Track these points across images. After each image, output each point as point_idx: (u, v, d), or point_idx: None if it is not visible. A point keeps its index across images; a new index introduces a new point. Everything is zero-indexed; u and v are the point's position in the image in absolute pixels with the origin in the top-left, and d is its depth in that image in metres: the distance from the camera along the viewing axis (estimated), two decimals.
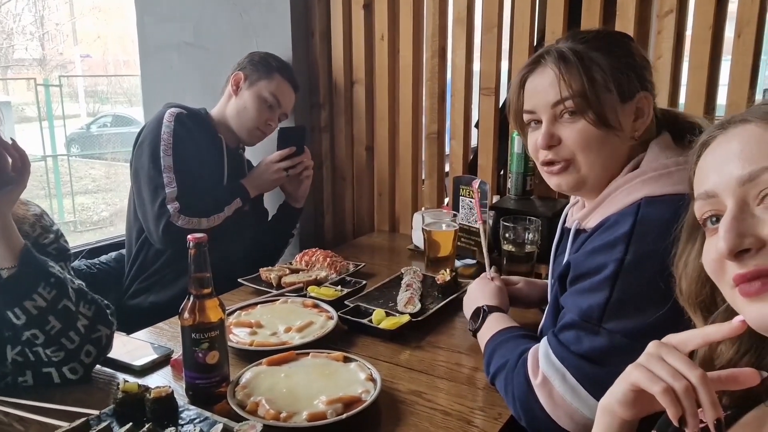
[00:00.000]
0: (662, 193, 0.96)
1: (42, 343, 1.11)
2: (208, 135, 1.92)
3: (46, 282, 1.11)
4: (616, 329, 0.92)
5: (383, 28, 2.14)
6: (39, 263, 1.12)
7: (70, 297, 1.13)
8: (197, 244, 1.07)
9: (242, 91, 1.93)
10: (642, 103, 1.04)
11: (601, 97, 1.01)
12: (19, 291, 1.08)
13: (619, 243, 0.95)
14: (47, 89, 14.07)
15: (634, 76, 1.03)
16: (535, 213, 1.77)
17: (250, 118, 1.92)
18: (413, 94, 2.15)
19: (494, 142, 2.03)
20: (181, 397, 1.10)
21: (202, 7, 2.33)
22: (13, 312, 1.08)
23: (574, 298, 1.00)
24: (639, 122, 1.04)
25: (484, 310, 1.25)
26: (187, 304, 1.09)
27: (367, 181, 2.31)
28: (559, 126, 1.05)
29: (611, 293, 0.93)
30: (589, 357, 0.93)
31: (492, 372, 1.09)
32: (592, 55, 1.02)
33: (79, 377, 1.15)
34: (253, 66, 1.94)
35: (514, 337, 1.12)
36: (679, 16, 1.68)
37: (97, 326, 1.17)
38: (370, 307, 1.46)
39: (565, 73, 1.02)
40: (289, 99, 1.98)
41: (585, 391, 0.93)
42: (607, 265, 0.94)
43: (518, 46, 1.92)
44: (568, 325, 0.98)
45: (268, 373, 1.15)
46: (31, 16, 19.76)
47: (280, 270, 1.70)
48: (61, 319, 1.12)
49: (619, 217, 0.99)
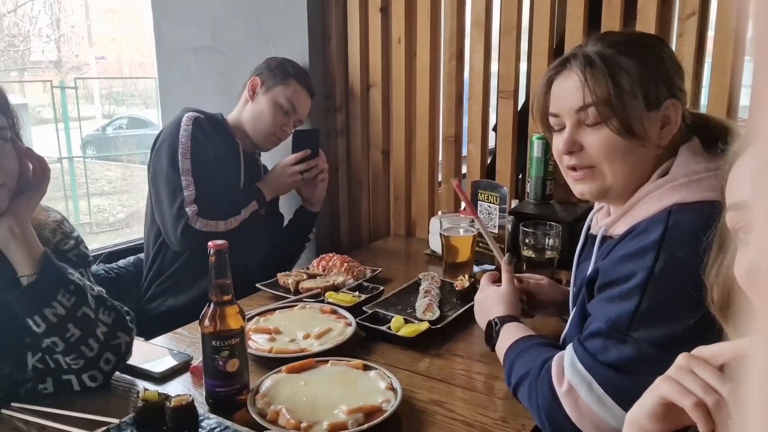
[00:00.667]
0: (693, 199, 0.95)
1: (62, 350, 1.11)
2: (225, 139, 1.92)
3: (65, 289, 1.10)
4: (644, 338, 0.91)
5: (400, 31, 2.13)
6: (58, 270, 1.11)
7: (89, 304, 1.13)
8: (218, 251, 1.07)
9: (258, 97, 1.94)
10: (669, 111, 1.01)
11: (626, 104, 0.98)
12: (39, 298, 1.08)
13: (650, 250, 0.93)
14: (63, 91, 14.21)
15: (662, 83, 1.00)
16: (555, 218, 1.75)
17: (266, 123, 1.93)
18: (430, 98, 2.13)
19: (513, 145, 2.01)
20: (200, 405, 1.10)
21: (219, 11, 2.33)
22: (33, 320, 1.08)
23: (602, 305, 0.98)
24: (666, 130, 1.02)
25: (496, 323, 1.22)
26: (208, 311, 1.09)
27: (383, 185, 2.31)
28: (583, 132, 1.04)
29: (640, 301, 0.91)
30: (616, 366, 0.92)
31: (514, 382, 1.08)
32: (620, 60, 0.99)
33: (99, 384, 1.15)
34: (270, 71, 1.94)
35: (534, 345, 1.10)
36: (701, 19, 1.66)
37: (116, 333, 1.17)
38: (389, 314, 1.45)
39: (590, 78, 1.00)
40: (305, 105, 1.99)
41: (612, 400, 0.91)
42: (636, 272, 0.93)
43: (537, 48, 1.90)
44: (595, 333, 0.96)
45: (288, 381, 1.14)
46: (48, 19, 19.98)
47: (297, 275, 1.70)
48: (80, 326, 1.11)
49: (649, 224, 0.97)
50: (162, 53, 2.53)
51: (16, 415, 1.07)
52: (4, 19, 18.07)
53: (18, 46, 18.81)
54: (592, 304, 1.02)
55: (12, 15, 18.64)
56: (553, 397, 0.96)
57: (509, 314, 1.24)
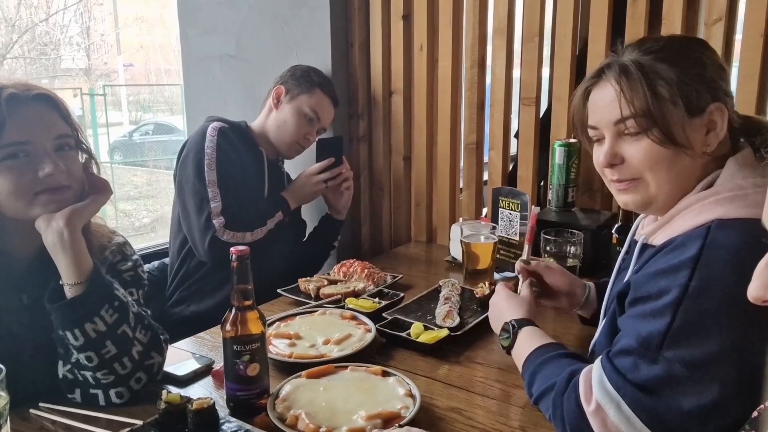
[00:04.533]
0: (736, 216, 0.90)
1: (94, 366, 1.11)
2: (250, 148, 1.94)
3: (110, 304, 1.11)
4: (675, 358, 0.87)
5: (422, 38, 2.14)
6: (106, 285, 1.13)
7: (129, 322, 1.14)
8: (240, 257, 1.08)
9: (283, 105, 1.95)
10: (714, 116, 0.97)
11: (666, 113, 0.94)
12: (83, 312, 1.09)
13: (684, 267, 0.89)
14: (92, 98, 14.51)
15: (704, 87, 0.96)
16: (577, 225, 1.74)
17: (290, 132, 1.94)
18: (452, 104, 2.14)
19: (535, 152, 2.00)
20: (221, 409, 1.11)
21: (244, 19, 2.36)
22: (72, 333, 1.08)
23: (633, 322, 0.94)
24: (711, 136, 0.97)
25: (513, 325, 1.19)
26: (229, 316, 1.10)
27: (404, 191, 2.31)
28: (623, 143, 1.00)
29: (673, 320, 0.88)
30: (645, 387, 0.89)
31: (537, 394, 1.05)
32: (657, 67, 0.96)
33: (124, 401, 1.15)
34: (294, 80, 1.95)
35: (557, 356, 1.08)
36: (728, 24, 1.63)
37: (151, 353, 1.18)
38: (408, 320, 1.46)
39: (627, 89, 0.96)
40: (329, 114, 2.00)
41: (641, 422, 0.88)
42: (670, 289, 0.89)
43: (560, 55, 1.89)
44: (625, 351, 0.93)
45: (308, 386, 1.15)
46: (78, 27, 20.44)
47: (318, 281, 1.71)
48: (118, 344, 1.12)
49: (686, 240, 0.93)
50: (188, 61, 2.57)
51: (44, 415, 1.10)
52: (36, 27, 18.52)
53: (49, 55, 19.27)
54: (622, 319, 0.99)
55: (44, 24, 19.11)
56: (581, 414, 0.93)
57: (526, 317, 1.21)
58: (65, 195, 1.11)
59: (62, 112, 1.14)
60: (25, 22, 17.93)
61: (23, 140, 1.07)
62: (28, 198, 1.09)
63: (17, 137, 1.06)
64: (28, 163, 1.08)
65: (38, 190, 1.09)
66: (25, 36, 17.95)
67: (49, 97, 1.13)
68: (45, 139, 1.09)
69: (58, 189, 1.10)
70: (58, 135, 1.11)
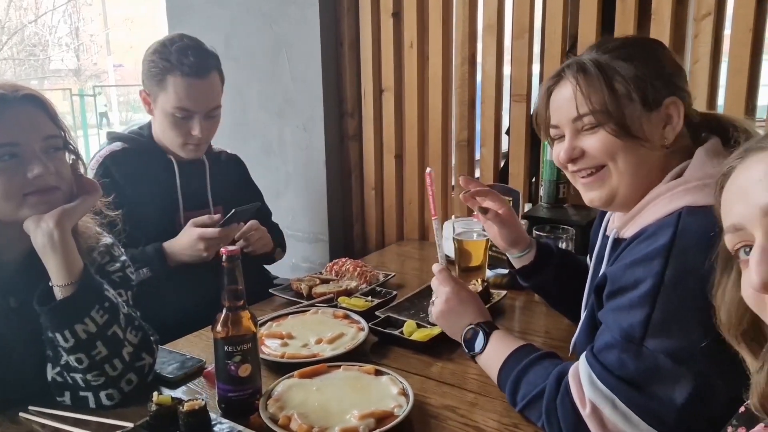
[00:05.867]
0: (705, 203, 0.91)
1: (85, 367, 1.10)
2: (154, 161, 1.72)
3: (100, 305, 1.10)
4: (659, 349, 0.88)
5: (412, 35, 2.14)
6: (96, 286, 1.12)
7: (120, 323, 1.13)
8: (230, 257, 1.08)
9: (154, 111, 1.70)
10: (670, 110, 1.00)
11: (622, 107, 0.98)
12: (73, 313, 1.08)
13: (658, 256, 0.90)
14: (82, 99, 14.42)
15: (660, 83, 0.99)
16: (568, 221, 1.73)
17: (171, 136, 1.69)
18: (443, 102, 2.13)
19: (526, 149, 2.00)
20: (213, 410, 1.10)
21: (232, 19, 2.35)
22: (62, 334, 1.07)
23: (614, 315, 0.95)
24: (668, 129, 1.00)
25: (485, 330, 1.17)
26: (220, 317, 1.09)
27: (396, 189, 2.31)
28: (581, 138, 1.04)
29: (652, 310, 0.89)
30: (635, 382, 0.89)
31: (524, 402, 1.04)
32: (615, 64, 0.99)
33: (114, 403, 1.14)
34: (148, 78, 1.66)
35: (536, 359, 1.06)
36: (717, 19, 1.64)
37: (141, 354, 1.17)
38: (401, 318, 1.45)
39: (585, 86, 1.00)
40: (200, 96, 1.65)
41: (637, 416, 0.88)
42: (645, 279, 0.90)
43: (550, 51, 1.89)
44: (610, 346, 0.93)
45: (300, 386, 1.14)
46: (67, 28, 20.33)
47: (310, 280, 1.70)
48: (108, 345, 1.11)
49: (658, 228, 0.94)
50: None
51: (33, 418, 1.09)
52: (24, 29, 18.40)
53: (38, 56, 19.16)
54: (602, 313, 0.99)
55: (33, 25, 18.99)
56: (578, 419, 0.93)
57: (488, 320, 1.20)
58: (55, 196, 1.10)
59: (50, 112, 1.13)
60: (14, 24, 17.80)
61: (11, 141, 1.06)
62: (18, 200, 1.07)
63: (5, 139, 1.05)
64: (17, 164, 1.06)
65: (27, 192, 1.07)
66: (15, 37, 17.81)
67: (37, 98, 1.11)
68: (33, 140, 1.08)
69: (48, 190, 1.09)
70: (46, 136, 1.10)
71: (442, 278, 1.27)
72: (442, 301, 1.24)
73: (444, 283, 1.26)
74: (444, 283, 1.26)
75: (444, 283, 1.26)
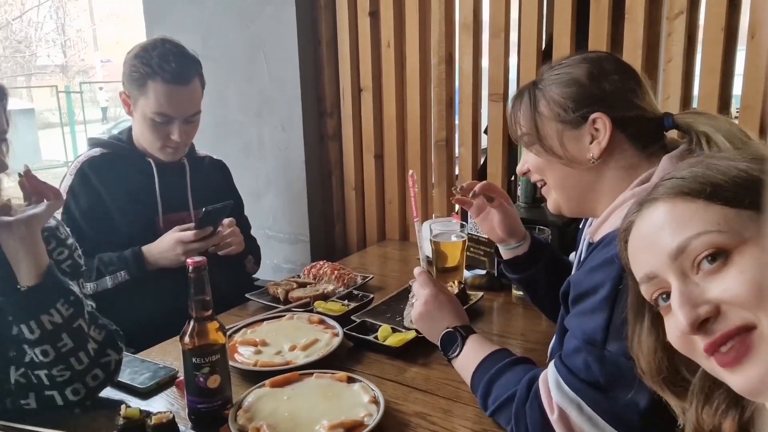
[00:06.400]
0: None
1: (51, 361, 1.10)
2: (133, 165, 1.72)
3: (65, 299, 1.11)
4: (620, 352, 0.88)
5: (389, 35, 2.13)
6: (59, 279, 1.13)
7: (84, 317, 1.14)
8: (196, 268, 1.07)
9: (133, 113, 1.69)
10: (597, 125, 1.02)
11: (545, 128, 1.05)
12: (39, 304, 1.09)
13: (616, 260, 0.91)
14: (68, 96, 14.29)
15: (585, 100, 1.02)
16: (545, 221, 1.73)
17: (150, 139, 1.68)
18: (421, 101, 2.13)
19: (504, 148, 2.00)
20: (184, 421, 1.10)
21: (209, 18, 2.33)
22: (28, 325, 1.08)
23: (577, 320, 0.96)
24: (594, 144, 1.03)
25: (462, 334, 1.17)
26: (188, 328, 1.08)
27: (376, 189, 2.30)
28: (527, 154, 1.12)
29: (611, 314, 0.90)
30: (599, 385, 0.90)
31: (495, 405, 1.04)
32: (546, 87, 1.05)
33: (81, 399, 1.14)
34: (129, 81, 1.65)
35: (509, 363, 1.07)
36: (690, 18, 1.64)
37: (106, 350, 1.17)
38: (377, 323, 1.45)
39: (518, 110, 1.09)
40: (181, 103, 1.64)
41: (603, 420, 0.89)
42: (604, 283, 0.92)
43: (526, 50, 1.88)
44: (575, 350, 0.94)
45: (271, 396, 1.14)
46: (53, 24, 20.13)
47: (287, 284, 1.69)
48: (74, 338, 1.12)
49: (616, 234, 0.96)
50: None
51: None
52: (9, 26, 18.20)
53: (24, 52, 18.96)
54: (568, 319, 1.00)
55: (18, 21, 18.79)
56: (545, 423, 0.94)
57: (466, 323, 1.20)
58: None
59: None
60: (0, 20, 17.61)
61: None
62: None
63: None
64: None
65: None
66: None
67: None
68: None
69: None
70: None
71: (422, 281, 1.27)
72: (420, 304, 1.24)
73: (424, 285, 1.26)
74: (424, 285, 1.26)
75: (424, 285, 1.26)
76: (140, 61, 1.62)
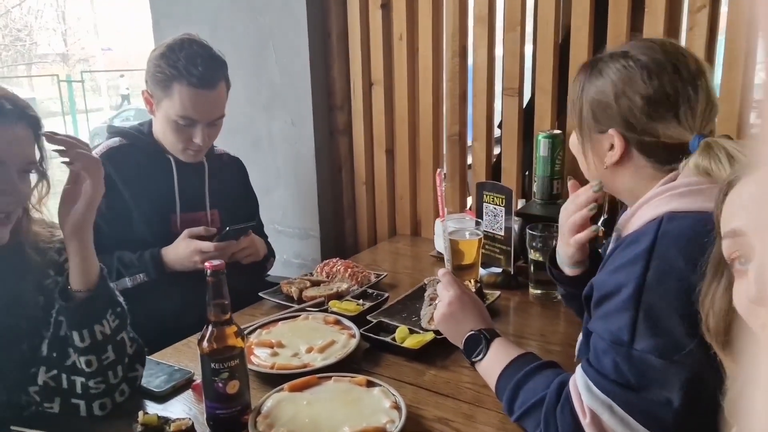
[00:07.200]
0: (687, 209, 0.92)
1: (92, 371, 1.09)
2: (153, 160, 1.68)
3: (113, 310, 1.11)
4: (647, 349, 0.88)
5: (402, 28, 2.09)
6: (111, 288, 1.13)
7: (128, 330, 1.15)
8: (215, 271, 1.05)
9: (155, 112, 1.66)
10: (612, 139, 1.04)
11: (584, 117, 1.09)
12: (94, 313, 1.09)
13: (639, 260, 0.92)
14: (70, 85, 14.23)
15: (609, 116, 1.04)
16: None
17: (172, 141, 1.66)
18: (434, 95, 2.09)
19: (518, 144, 1.97)
20: (202, 425, 1.09)
21: (218, 10, 2.29)
22: (80, 333, 1.07)
23: (602, 321, 0.95)
24: (609, 154, 1.06)
25: (486, 337, 1.14)
26: (206, 332, 1.07)
27: (387, 185, 2.27)
28: None
29: (636, 313, 0.89)
30: (631, 385, 0.90)
31: (522, 410, 1.03)
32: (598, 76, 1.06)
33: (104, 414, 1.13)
34: (153, 81, 1.61)
35: (537, 368, 1.05)
36: (712, 11, 1.60)
37: (135, 365, 1.17)
38: (393, 323, 1.43)
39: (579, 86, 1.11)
40: (206, 107, 1.61)
41: (635, 421, 0.89)
42: (627, 283, 0.91)
43: (542, 44, 1.85)
44: (603, 352, 0.93)
45: (290, 401, 1.12)
46: (53, 12, 20.00)
47: (300, 282, 1.67)
48: (116, 350, 1.12)
49: (640, 234, 0.95)
50: None
51: None
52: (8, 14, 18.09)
53: (24, 40, 18.86)
54: (593, 321, 0.99)
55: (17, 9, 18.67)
56: (577, 427, 0.92)
57: (490, 326, 1.18)
58: None
59: None
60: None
61: None
62: None
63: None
64: None
65: None
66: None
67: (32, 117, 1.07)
68: None
69: None
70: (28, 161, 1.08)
71: (446, 282, 1.25)
72: (444, 305, 1.22)
73: (448, 287, 1.24)
74: (448, 287, 1.24)
75: (448, 287, 1.24)
76: (166, 62, 1.57)
